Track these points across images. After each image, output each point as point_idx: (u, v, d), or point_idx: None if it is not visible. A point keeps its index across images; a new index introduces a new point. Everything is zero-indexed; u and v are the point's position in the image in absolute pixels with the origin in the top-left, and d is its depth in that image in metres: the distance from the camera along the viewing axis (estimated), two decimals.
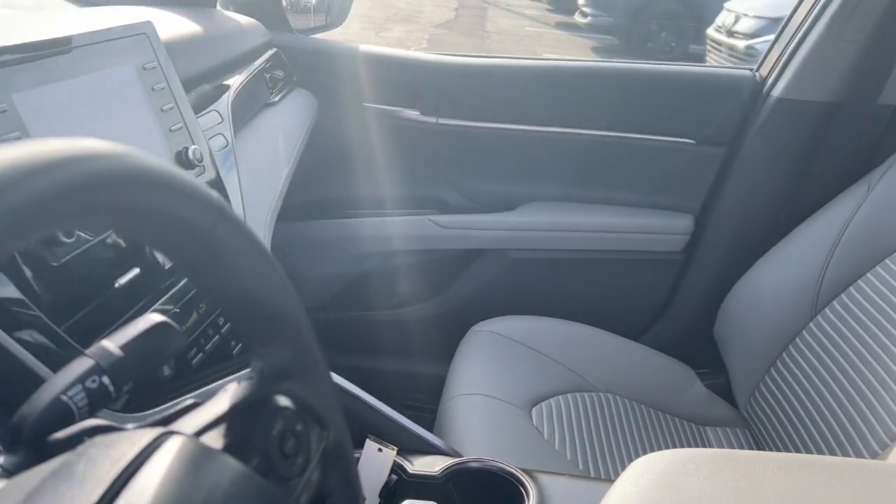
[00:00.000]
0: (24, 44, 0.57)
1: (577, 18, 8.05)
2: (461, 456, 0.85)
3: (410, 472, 0.80)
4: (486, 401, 1.14)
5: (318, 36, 1.49)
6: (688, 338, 1.45)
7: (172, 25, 0.94)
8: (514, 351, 1.29)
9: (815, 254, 1.22)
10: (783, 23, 1.34)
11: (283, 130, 1.17)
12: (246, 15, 1.31)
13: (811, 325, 1.21)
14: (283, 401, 0.41)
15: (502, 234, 1.45)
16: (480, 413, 1.11)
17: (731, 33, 4.90)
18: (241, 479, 0.32)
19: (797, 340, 1.22)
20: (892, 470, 0.85)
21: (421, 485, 0.79)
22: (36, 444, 0.37)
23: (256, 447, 0.37)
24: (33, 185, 0.23)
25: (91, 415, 0.40)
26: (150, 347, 0.44)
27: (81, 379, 0.40)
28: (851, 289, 1.18)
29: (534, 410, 1.17)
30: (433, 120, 1.40)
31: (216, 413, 0.38)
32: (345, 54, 1.41)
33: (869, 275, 1.16)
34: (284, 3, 1.43)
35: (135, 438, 0.32)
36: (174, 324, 0.45)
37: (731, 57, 4.79)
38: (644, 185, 1.41)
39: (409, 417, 0.91)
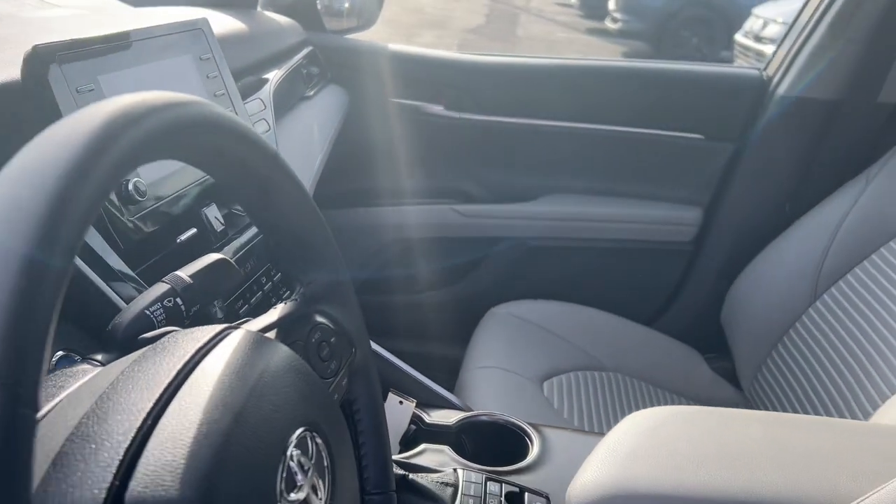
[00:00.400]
0: (108, 35, 0.68)
1: (608, 24, 8.06)
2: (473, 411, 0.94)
3: (428, 422, 0.89)
4: (501, 373, 1.23)
5: (350, 36, 1.60)
6: (696, 324, 1.52)
7: (222, 23, 1.04)
8: (529, 331, 1.38)
9: (816, 243, 1.29)
10: (790, 24, 1.42)
11: (317, 122, 1.27)
12: (284, 15, 1.42)
13: (810, 310, 1.28)
14: (321, 318, 0.51)
15: (521, 224, 1.53)
16: (495, 383, 1.20)
17: (758, 38, 4.93)
18: (290, 358, 0.41)
19: (797, 325, 1.29)
20: (865, 427, 0.93)
21: (437, 434, 0.88)
22: (125, 346, 0.47)
23: (298, 349, 0.47)
24: (163, 115, 0.33)
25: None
26: (213, 278, 0.54)
27: (160, 299, 0.50)
28: (849, 276, 1.24)
29: (545, 384, 1.25)
30: (456, 115, 1.49)
31: (267, 322, 0.47)
32: (374, 53, 1.51)
33: (865, 263, 1.22)
34: (319, 6, 1.53)
35: (206, 331, 0.42)
36: (233, 262, 0.56)
37: (759, 62, 4.82)
38: (656, 178, 1.49)
39: None
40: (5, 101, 0.59)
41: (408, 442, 0.88)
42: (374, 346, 0.99)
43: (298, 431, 0.38)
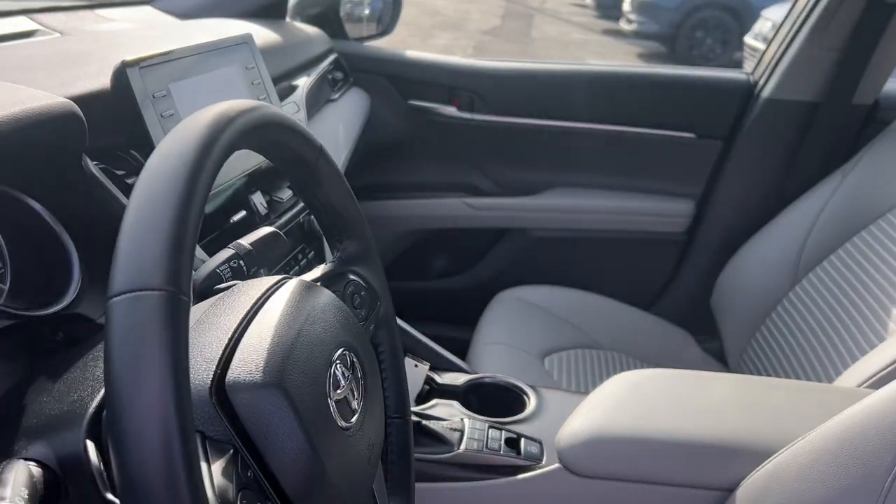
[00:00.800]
0: (176, 49, 0.82)
1: (623, 25, 8.11)
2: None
3: (439, 382, 1.03)
4: (506, 348, 1.36)
5: (371, 43, 1.73)
6: (689, 308, 1.65)
7: (260, 35, 1.19)
8: (533, 313, 1.51)
9: (797, 233, 1.41)
10: (775, 31, 1.54)
11: (342, 122, 1.41)
12: (311, 25, 1.56)
13: (790, 294, 1.40)
14: (353, 276, 0.64)
15: (527, 216, 1.67)
16: (500, 356, 1.33)
17: (766, 40, 5.02)
18: (333, 299, 0.55)
19: (779, 308, 1.41)
20: (817, 387, 1.06)
21: (447, 392, 1.02)
22: (203, 295, 0.61)
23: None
24: (248, 116, 0.46)
25: None
26: (267, 246, 0.68)
27: (227, 261, 0.64)
28: (825, 263, 1.36)
29: (546, 359, 1.39)
30: (468, 116, 1.63)
31: (313, 277, 0.61)
32: (393, 59, 1.65)
33: (840, 251, 1.34)
34: (342, 13, 1.67)
35: (269, 279, 0.56)
36: (282, 234, 0.70)
37: None
38: (651, 173, 1.62)
39: None
40: (97, 105, 0.73)
41: (421, 399, 1.02)
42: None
43: (340, 350, 0.52)
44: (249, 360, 0.46)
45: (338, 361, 0.51)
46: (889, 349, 1.01)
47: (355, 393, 0.52)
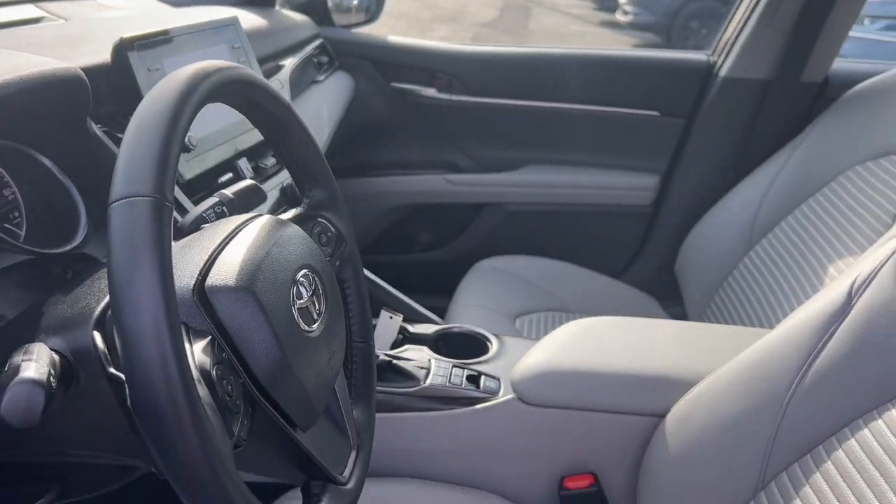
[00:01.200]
0: (168, 29, 0.93)
1: (618, 16, 8.13)
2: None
3: (411, 331, 1.13)
4: (480, 309, 1.47)
5: (356, 30, 1.84)
6: (656, 275, 1.75)
7: (248, 20, 1.29)
8: (508, 280, 1.62)
9: (751, 203, 1.52)
10: (731, 12, 1.64)
11: (326, 102, 1.52)
12: (299, 12, 1.66)
13: (745, 258, 1.50)
14: (321, 219, 0.75)
15: (503, 191, 1.77)
16: (474, 315, 1.44)
17: None
18: (301, 233, 0.66)
19: (735, 272, 1.52)
20: (745, 330, 1.16)
21: (418, 339, 1.12)
22: (191, 232, 0.72)
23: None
24: (213, 78, 0.57)
25: None
26: (247, 196, 0.79)
27: (212, 206, 0.75)
28: (776, 229, 1.47)
29: (517, 319, 1.49)
30: (447, 97, 1.73)
31: (284, 217, 0.72)
32: (376, 44, 1.75)
33: (789, 217, 1.45)
34: (329, 3, 1.78)
35: (244, 216, 0.66)
36: (260, 187, 0.80)
37: None
38: (619, 150, 1.72)
39: None
40: (99, 76, 0.84)
41: (395, 346, 1.12)
42: (371, 274, 1.23)
43: (304, 270, 0.63)
44: (225, 270, 0.57)
45: (301, 279, 0.62)
46: (821, 298, 1.11)
47: (317, 305, 0.63)
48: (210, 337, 0.53)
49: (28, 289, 0.72)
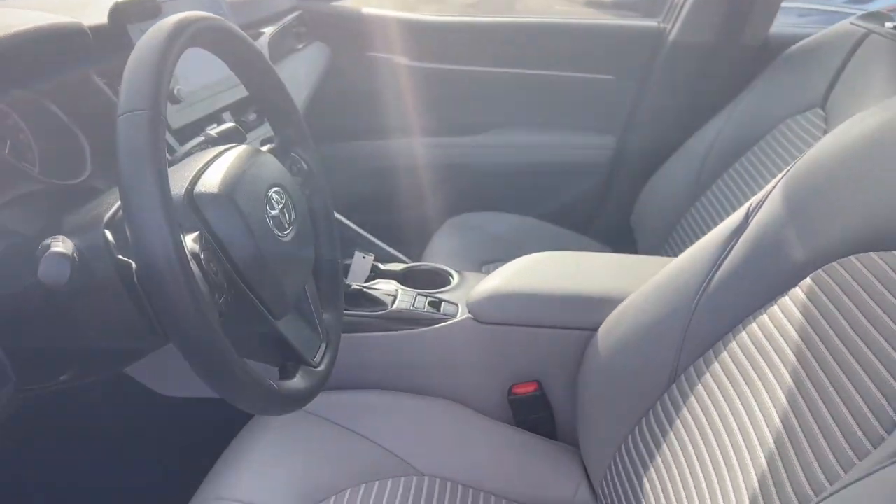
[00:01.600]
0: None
1: None
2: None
3: (382, 268, 1.27)
4: (448, 258, 1.60)
5: (335, 2, 1.96)
6: (615, 228, 1.89)
7: None
8: (476, 234, 1.75)
9: (697, 157, 1.65)
10: None
11: (303, 69, 1.64)
12: None
13: (692, 208, 1.64)
14: (294, 154, 0.88)
15: (472, 152, 1.91)
16: (443, 262, 1.57)
17: None
18: (275, 160, 0.79)
19: (682, 220, 1.65)
20: (667, 259, 1.29)
21: (388, 275, 1.26)
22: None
23: None
24: (196, 24, 0.70)
25: None
26: (229, 136, 0.92)
27: (198, 144, 0.88)
28: (719, 181, 1.60)
29: (483, 267, 1.63)
30: (418, 64, 1.86)
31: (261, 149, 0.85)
32: (352, 15, 1.88)
33: (731, 170, 1.59)
34: None
35: (220, 146, 0.79)
36: (241, 129, 0.93)
37: None
38: (578, 112, 1.86)
39: None
40: (98, 35, 0.96)
41: (367, 282, 1.26)
42: (344, 219, 1.36)
43: (276, 188, 0.76)
44: (210, 181, 0.70)
45: (273, 194, 0.75)
46: (726, 221, 1.25)
47: (287, 216, 0.76)
48: (199, 232, 0.67)
49: (44, 214, 0.84)
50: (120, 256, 0.66)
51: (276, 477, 0.92)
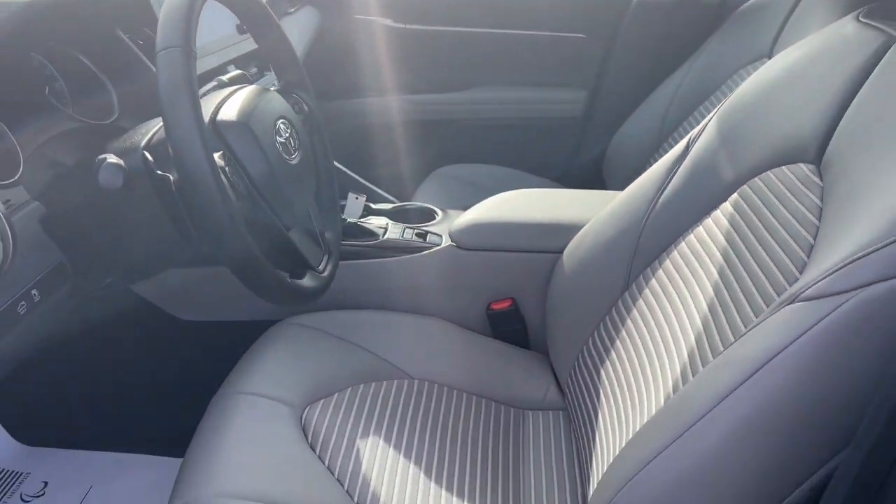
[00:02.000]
0: None
1: None
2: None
3: (374, 207, 1.41)
4: (433, 204, 1.75)
5: None
6: (589, 177, 2.03)
7: None
8: (459, 183, 1.89)
9: (660, 108, 1.80)
10: None
11: (296, 30, 1.76)
12: None
13: (655, 154, 1.79)
14: (295, 96, 1.02)
15: (455, 108, 2.04)
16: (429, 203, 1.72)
17: None
18: (281, 98, 0.93)
19: (646, 166, 1.79)
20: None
21: (379, 213, 1.40)
22: None
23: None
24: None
25: None
26: (237, 81, 1.05)
27: (211, 88, 1.01)
28: (679, 128, 1.75)
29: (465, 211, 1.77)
30: (403, 26, 1.99)
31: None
32: None
33: (690, 117, 1.73)
34: None
35: (233, 88, 0.93)
36: (248, 75, 1.07)
37: None
38: (552, 68, 1.99)
39: None
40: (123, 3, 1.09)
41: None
42: (340, 166, 1.50)
43: (282, 119, 0.90)
44: (229, 111, 0.84)
45: (280, 125, 0.89)
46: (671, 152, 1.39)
47: (292, 144, 0.91)
48: (222, 151, 0.81)
49: (82, 148, 0.98)
50: (159, 171, 0.80)
51: (286, 376, 1.07)
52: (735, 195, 0.95)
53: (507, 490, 1.01)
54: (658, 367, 0.93)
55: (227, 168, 0.78)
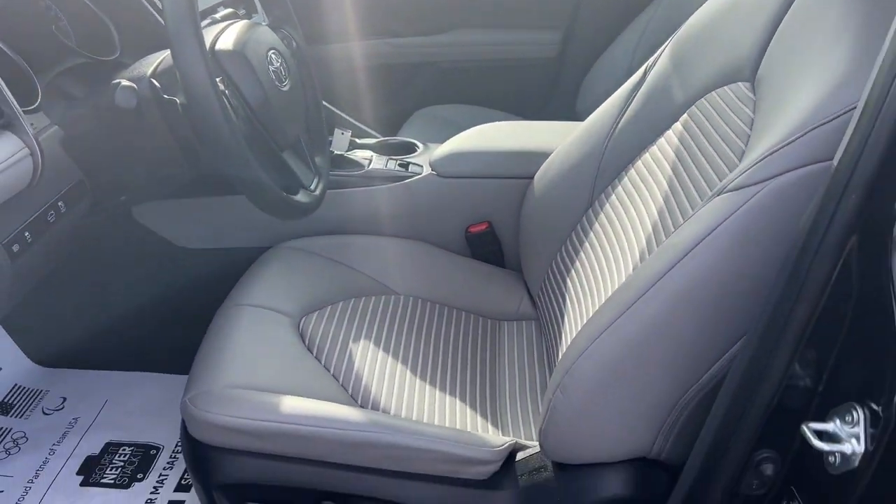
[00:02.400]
0: None
1: None
2: None
3: (359, 142, 1.50)
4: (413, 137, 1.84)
5: None
6: (565, 115, 2.11)
7: None
8: (441, 122, 1.98)
9: (630, 45, 1.88)
10: None
11: None
12: None
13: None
14: (283, 31, 1.11)
15: (436, 51, 2.12)
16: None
17: None
18: (270, 31, 1.02)
19: None
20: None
21: (364, 147, 1.49)
22: None
23: None
24: None
25: None
26: (229, 19, 1.13)
27: (206, 25, 1.10)
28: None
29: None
30: None
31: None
32: None
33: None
34: None
35: (227, 22, 1.02)
36: (239, 14, 1.15)
37: None
38: (529, 11, 2.07)
39: None
40: None
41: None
42: (328, 105, 1.59)
43: (274, 50, 0.99)
44: (226, 42, 0.93)
45: (271, 55, 0.99)
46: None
47: (283, 73, 1.00)
48: (221, 77, 0.90)
49: (90, 81, 1.07)
50: (165, 96, 0.89)
51: (284, 291, 1.18)
52: (685, 115, 1.05)
53: (485, 385, 1.14)
54: (615, 268, 1.05)
55: (226, 91, 0.88)
